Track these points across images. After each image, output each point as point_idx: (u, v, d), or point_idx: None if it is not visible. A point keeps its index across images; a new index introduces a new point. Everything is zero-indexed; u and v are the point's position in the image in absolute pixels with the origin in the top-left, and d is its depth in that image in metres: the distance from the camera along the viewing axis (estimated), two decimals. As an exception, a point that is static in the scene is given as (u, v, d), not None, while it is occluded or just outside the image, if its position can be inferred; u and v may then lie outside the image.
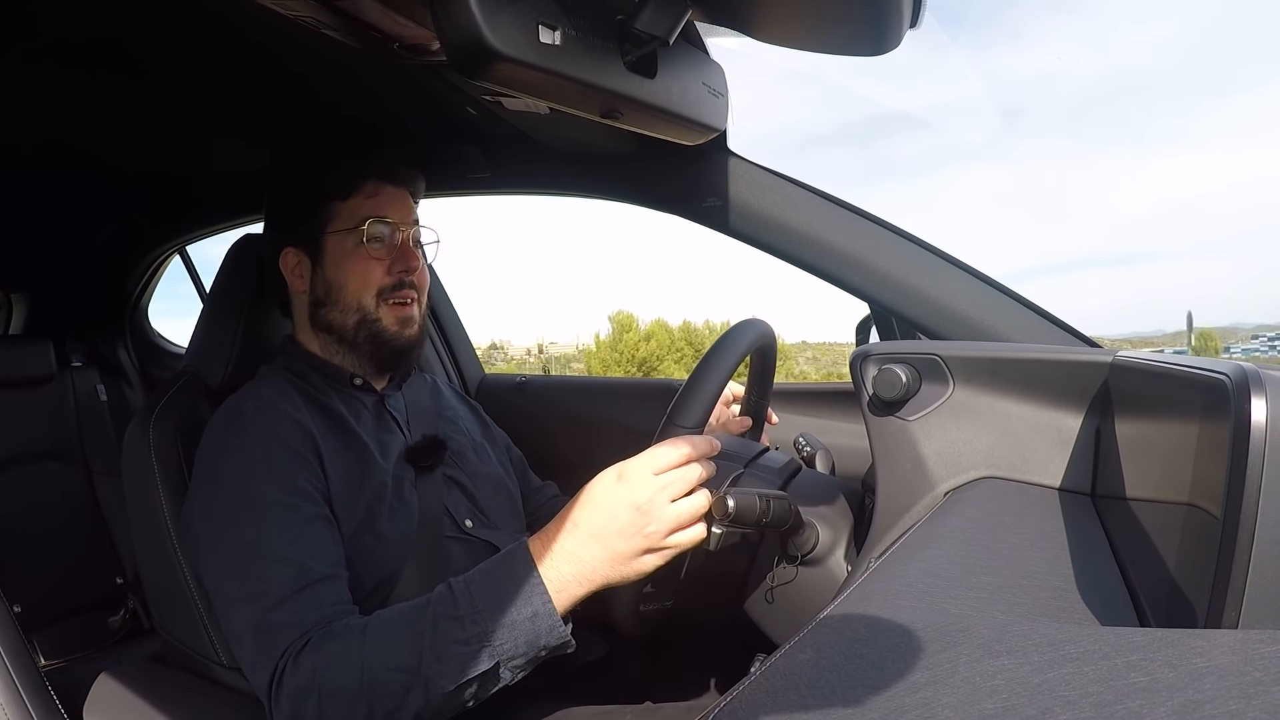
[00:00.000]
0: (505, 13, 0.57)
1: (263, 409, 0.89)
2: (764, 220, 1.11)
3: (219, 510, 0.83)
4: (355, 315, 0.95)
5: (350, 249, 0.95)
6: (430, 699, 0.70)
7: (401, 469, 0.95)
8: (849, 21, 0.64)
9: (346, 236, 0.95)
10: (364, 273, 0.95)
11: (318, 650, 0.73)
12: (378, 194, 0.96)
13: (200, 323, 1.07)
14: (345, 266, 0.95)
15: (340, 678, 0.71)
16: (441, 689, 0.69)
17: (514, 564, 0.72)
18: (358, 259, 0.95)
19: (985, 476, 0.79)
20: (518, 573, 0.71)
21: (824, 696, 0.40)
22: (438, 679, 0.69)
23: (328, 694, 0.71)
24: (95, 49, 0.95)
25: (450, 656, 0.69)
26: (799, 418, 1.34)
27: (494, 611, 0.70)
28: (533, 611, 0.70)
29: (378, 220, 0.95)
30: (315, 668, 0.72)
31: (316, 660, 0.72)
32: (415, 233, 0.99)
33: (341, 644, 0.72)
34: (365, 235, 0.94)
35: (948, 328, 1.04)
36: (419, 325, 0.99)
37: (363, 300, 0.95)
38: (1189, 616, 0.45)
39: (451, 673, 0.69)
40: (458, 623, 0.70)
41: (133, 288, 2.08)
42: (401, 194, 0.99)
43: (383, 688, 0.70)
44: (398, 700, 0.70)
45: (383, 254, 0.95)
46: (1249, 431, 0.40)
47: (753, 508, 0.77)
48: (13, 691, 0.63)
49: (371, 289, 0.95)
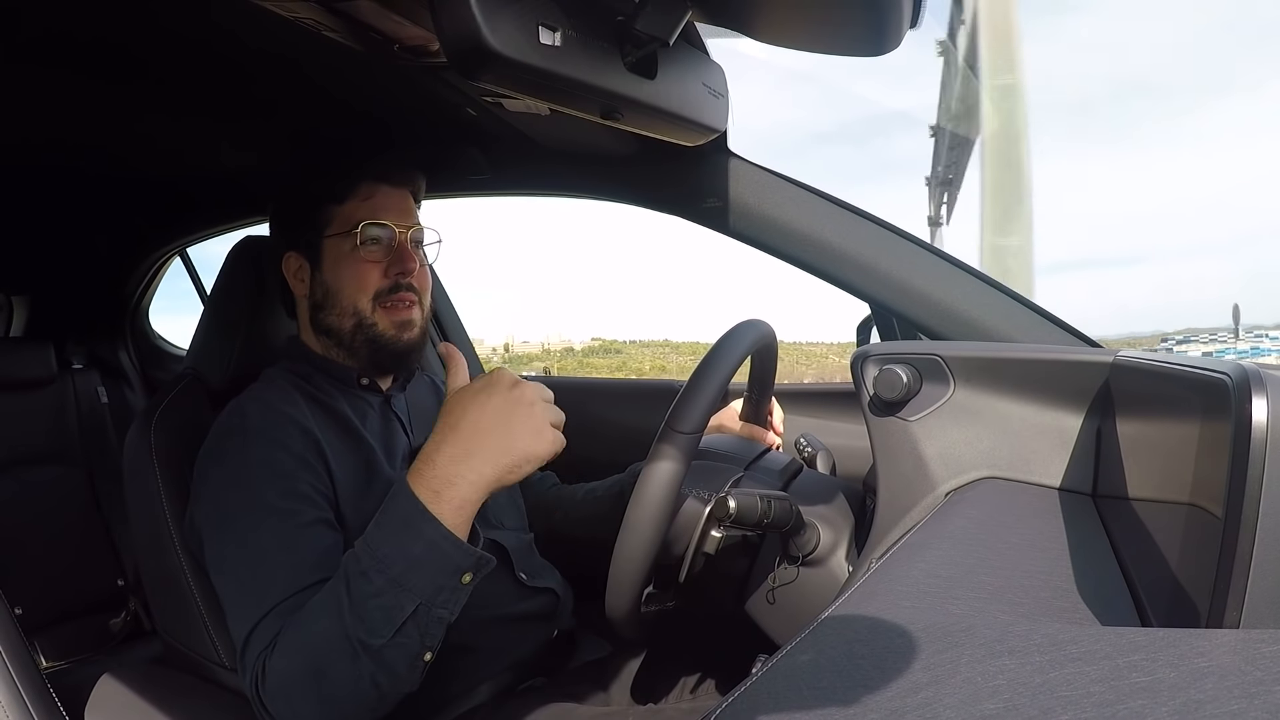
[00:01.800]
0: (505, 14, 0.57)
1: (265, 412, 0.89)
2: (764, 221, 1.11)
3: (220, 514, 0.83)
4: (352, 319, 0.95)
5: (347, 252, 0.94)
6: (376, 660, 0.70)
7: (406, 471, 0.95)
8: (849, 22, 0.64)
9: (343, 240, 0.94)
10: (360, 276, 0.94)
11: (275, 649, 0.73)
12: (373, 196, 0.96)
13: (201, 324, 1.07)
14: (342, 270, 0.95)
15: (293, 667, 0.72)
16: (376, 645, 0.69)
17: (397, 502, 0.72)
18: (354, 263, 0.94)
19: (986, 477, 0.79)
20: (402, 509, 0.71)
21: (825, 697, 0.40)
22: (368, 638, 0.69)
23: (290, 687, 0.71)
24: (96, 50, 0.95)
25: (370, 611, 0.69)
26: (800, 418, 1.33)
27: (394, 556, 0.70)
28: (428, 541, 0.70)
29: (372, 223, 0.94)
30: (276, 666, 0.73)
31: (275, 658, 0.73)
32: (414, 234, 0.98)
33: (288, 635, 0.73)
34: (360, 238, 0.93)
35: (948, 328, 1.04)
36: (419, 328, 0.98)
37: (359, 304, 0.94)
38: (1190, 616, 0.45)
39: (379, 628, 0.69)
40: (365, 578, 0.70)
41: (133, 290, 2.08)
42: (399, 195, 0.98)
43: (327, 663, 0.70)
44: (346, 670, 0.70)
45: (379, 256, 0.94)
46: (1250, 431, 0.40)
47: (754, 508, 0.77)
48: (14, 694, 0.63)
49: (368, 292, 0.94)
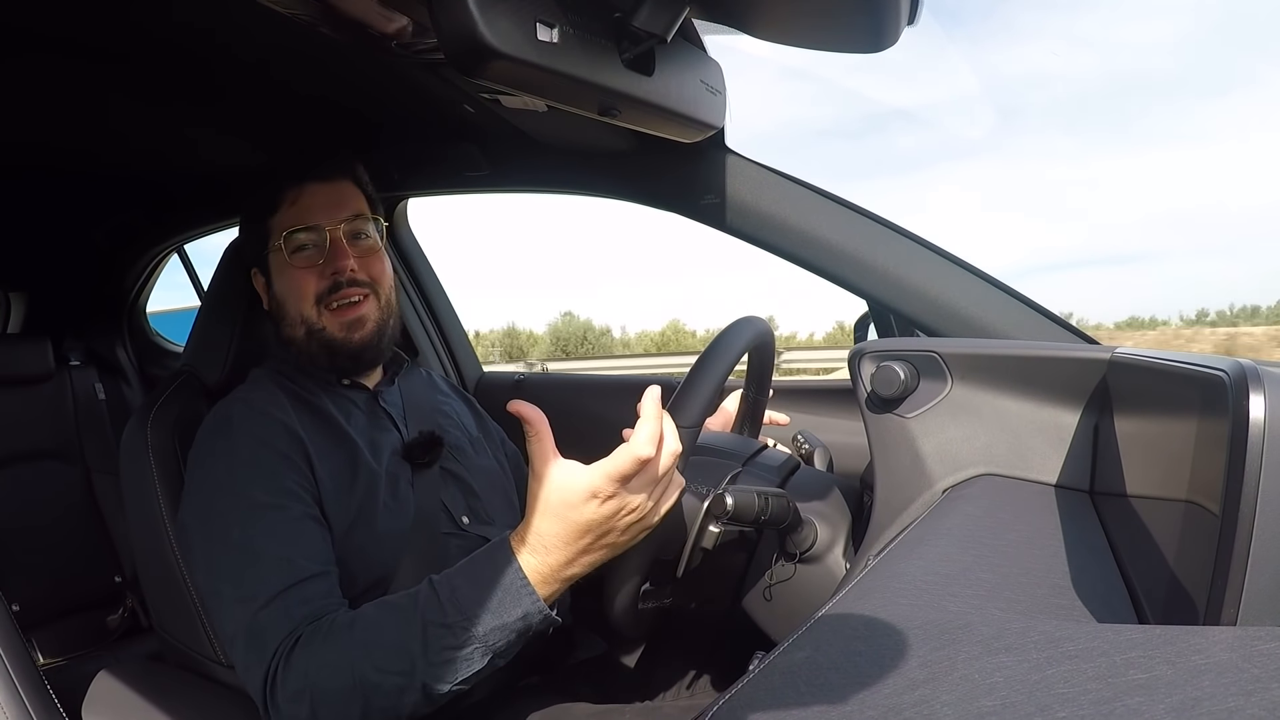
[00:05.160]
0: (503, 10, 0.57)
1: (249, 413, 0.89)
2: (762, 217, 1.11)
3: (209, 513, 0.83)
4: (301, 328, 0.94)
5: (284, 263, 0.94)
6: (427, 693, 0.70)
7: (398, 466, 0.95)
8: (847, 19, 0.64)
9: (278, 253, 0.94)
10: (298, 285, 0.94)
11: (307, 651, 0.72)
12: (299, 199, 0.94)
13: (198, 322, 1.07)
14: (283, 282, 0.95)
15: (332, 681, 0.71)
16: (439, 691, 0.70)
17: (501, 571, 0.70)
18: (290, 273, 0.94)
19: (983, 474, 0.79)
20: (508, 581, 0.70)
21: (822, 694, 0.40)
22: (434, 682, 0.69)
23: (320, 697, 0.71)
24: (93, 47, 0.95)
25: (444, 661, 0.69)
26: (797, 415, 1.33)
27: (484, 616, 0.69)
28: (523, 612, 0.69)
29: (296, 229, 0.93)
30: (306, 671, 0.72)
31: (307, 663, 0.72)
32: (351, 226, 0.95)
33: (331, 646, 0.72)
34: (287, 248, 0.93)
35: (946, 325, 1.04)
36: (374, 322, 0.96)
37: (304, 312, 0.94)
38: (1188, 613, 0.45)
39: (448, 675, 0.69)
40: (448, 630, 0.69)
41: (131, 286, 2.08)
42: (330, 188, 0.96)
43: (377, 690, 0.70)
44: (394, 700, 0.70)
45: (313, 259, 0.93)
46: (1247, 428, 0.40)
47: (751, 505, 0.77)
48: (11, 690, 0.63)
49: (309, 299, 0.93)
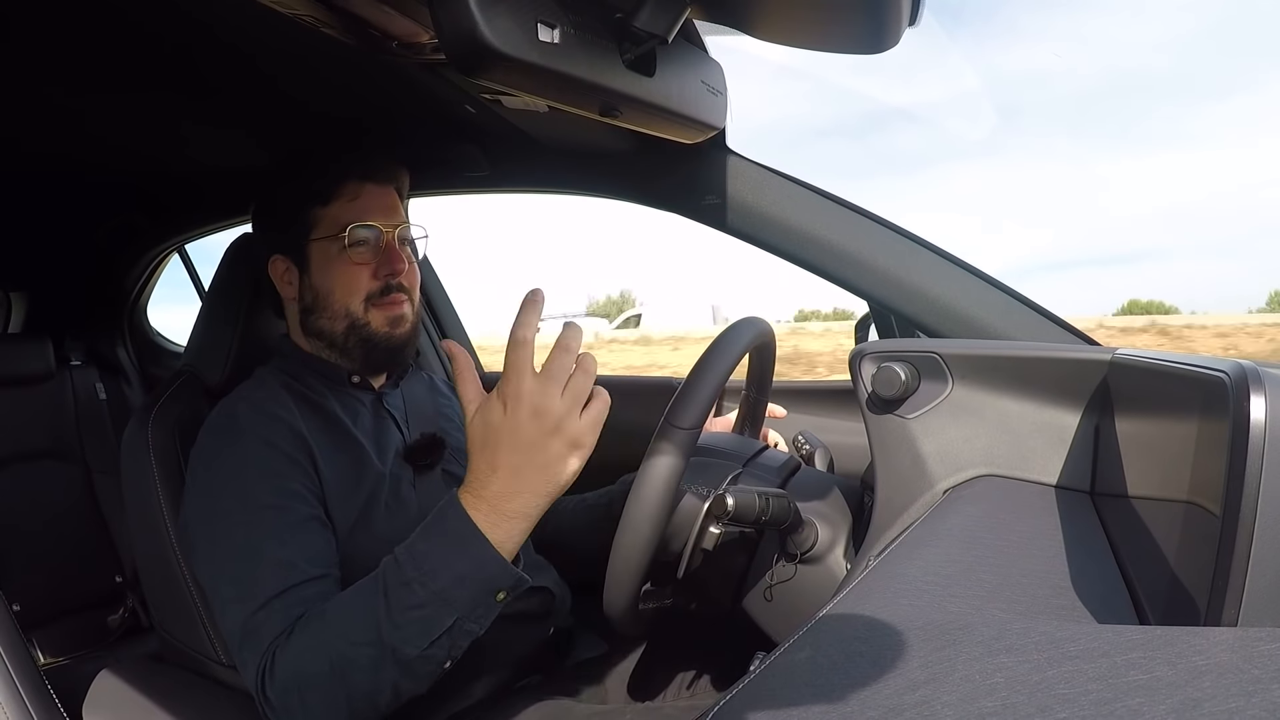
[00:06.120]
0: (504, 10, 0.57)
1: (254, 412, 0.89)
2: (763, 218, 1.10)
3: (212, 513, 0.83)
4: (344, 322, 0.94)
5: (335, 256, 0.93)
6: (403, 668, 0.70)
7: (400, 468, 0.95)
8: (849, 20, 0.64)
9: (330, 244, 0.93)
10: (350, 280, 0.93)
11: (292, 641, 0.73)
12: (359, 196, 0.94)
13: (199, 322, 1.07)
14: (331, 274, 0.94)
15: (312, 666, 0.71)
16: (408, 655, 0.69)
17: (447, 518, 0.71)
18: (343, 266, 0.93)
19: (984, 474, 0.79)
20: (453, 526, 0.70)
21: (823, 694, 0.40)
22: (402, 646, 0.69)
23: (305, 685, 0.71)
24: (94, 47, 0.95)
25: (409, 622, 0.69)
26: (797, 415, 1.33)
27: (440, 570, 0.69)
28: (478, 561, 0.69)
29: (360, 225, 0.92)
30: (290, 662, 0.72)
31: (290, 654, 0.73)
32: (401, 231, 0.96)
33: (310, 631, 0.73)
34: (348, 241, 0.92)
35: (946, 325, 1.04)
36: (411, 323, 0.97)
37: (351, 307, 0.94)
38: (1188, 614, 0.44)
39: (415, 638, 0.69)
40: (408, 588, 0.70)
41: (131, 286, 2.08)
42: (384, 192, 0.97)
43: (352, 666, 0.70)
44: (371, 675, 0.70)
45: (368, 258, 0.93)
46: (1248, 429, 0.40)
47: (752, 506, 0.77)
48: (12, 690, 0.63)
49: (359, 295, 0.93)
